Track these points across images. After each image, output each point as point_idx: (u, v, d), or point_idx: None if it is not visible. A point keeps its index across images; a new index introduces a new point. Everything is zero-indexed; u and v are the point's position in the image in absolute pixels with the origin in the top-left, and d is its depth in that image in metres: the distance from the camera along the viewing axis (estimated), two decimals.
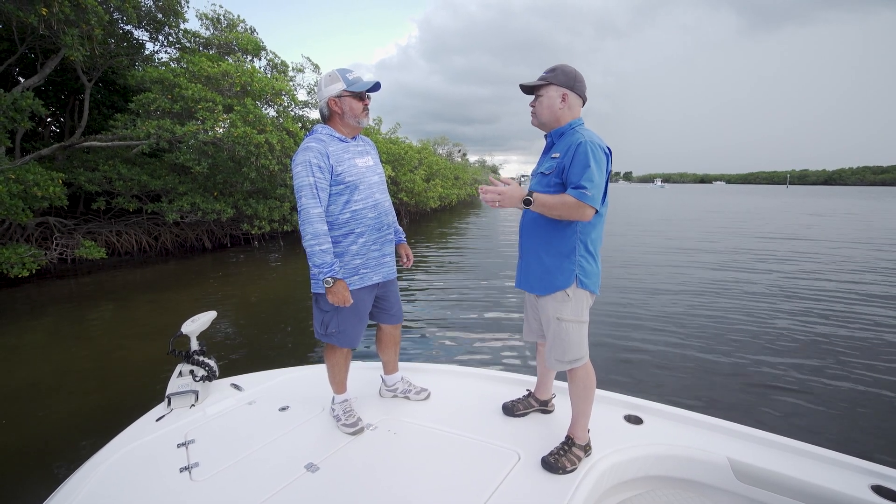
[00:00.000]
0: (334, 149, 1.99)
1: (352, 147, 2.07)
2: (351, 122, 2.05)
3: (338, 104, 2.01)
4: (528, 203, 1.69)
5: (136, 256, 11.48)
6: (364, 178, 2.05)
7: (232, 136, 9.79)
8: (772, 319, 5.84)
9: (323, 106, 2.05)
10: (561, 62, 1.87)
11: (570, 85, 1.80)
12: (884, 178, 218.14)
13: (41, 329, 6.16)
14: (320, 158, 1.92)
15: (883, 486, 1.61)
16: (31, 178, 7.93)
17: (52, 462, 3.08)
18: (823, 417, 3.54)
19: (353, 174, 2.01)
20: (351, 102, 2.00)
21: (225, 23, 14.27)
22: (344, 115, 2.03)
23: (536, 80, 1.85)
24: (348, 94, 1.99)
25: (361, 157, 2.09)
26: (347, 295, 1.93)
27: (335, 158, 1.97)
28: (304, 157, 1.91)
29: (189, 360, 2.44)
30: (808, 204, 37.72)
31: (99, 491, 1.71)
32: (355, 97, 2.01)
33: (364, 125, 2.09)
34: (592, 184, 1.65)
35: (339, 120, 2.05)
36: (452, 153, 51.49)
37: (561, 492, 1.64)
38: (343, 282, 1.94)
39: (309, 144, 1.94)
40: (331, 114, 2.05)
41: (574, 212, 1.67)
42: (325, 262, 1.89)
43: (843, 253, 11.31)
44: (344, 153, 2.02)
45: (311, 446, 1.97)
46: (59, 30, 8.38)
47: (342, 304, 1.94)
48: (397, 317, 2.34)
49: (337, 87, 1.99)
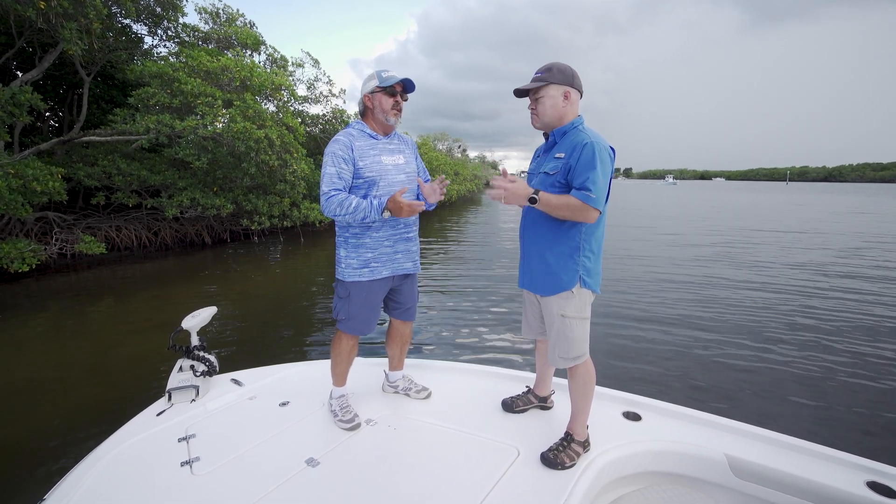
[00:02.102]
0: (361, 144, 2.06)
1: (381, 144, 2.12)
2: (380, 118, 2.11)
3: (370, 100, 2.10)
4: (533, 201, 1.70)
5: (136, 252, 11.47)
6: (386, 174, 2.09)
7: (231, 131, 9.76)
8: (771, 318, 5.86)
9: (360, 102, 2.16)
10: (553, 60, 1.84)
11: (569, 82, 1.79)
12: (883, 175, 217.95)
13: (41, 324, 6.16)
14: (345, 151, 2.01)
15: (878, 482, 1.62)
16: (31, 172, 7.91)
17: (52, 457, 3.10)
18: (820, 414, 3.55)
19: (373, 170, 2.05)
20: (381, 98, 2.08)
21: (224, 17, 14.20)
22: (374, 110, 2.11)
23: (533, 83, 1.82)
24: (380, 90, 2.07)
25: (391, 155, 2.14)
26: (404, 202, 1.96)
27: (359, 153, 2.04)
28: (331, 148, 2.02)
29: (189, 355, 2.45)
30: (827, 201, 36.95)
31: (99, 485, 1.72)
32: (386, 93, 2.07)
33: (392, 123, 2.12)
34: (597, 186, 1.66)
35: (371, 116, 2.14)
36: (452, 149, 51.33)
37: (560, 487, 1.65)
38: (394, 196, 1.97)
39: (338, 137, 2.04)
40: (364, 109, 2.15)
41: (578, 213, 1.69)
42: (365, 209, 1.95)
43: (851, 248, 11.33)
44: (370, 149, 2.08)
45: (311, 441, 1.98)
46: (58, 23, 8.33)
47: (410, 211, 1.98)
48: (409, 314, 2.36)
49: (371, 84, 2.09)
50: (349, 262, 2.11)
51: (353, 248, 2.10)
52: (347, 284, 2.12)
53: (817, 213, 23.55)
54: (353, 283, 2.11)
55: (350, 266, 2.10)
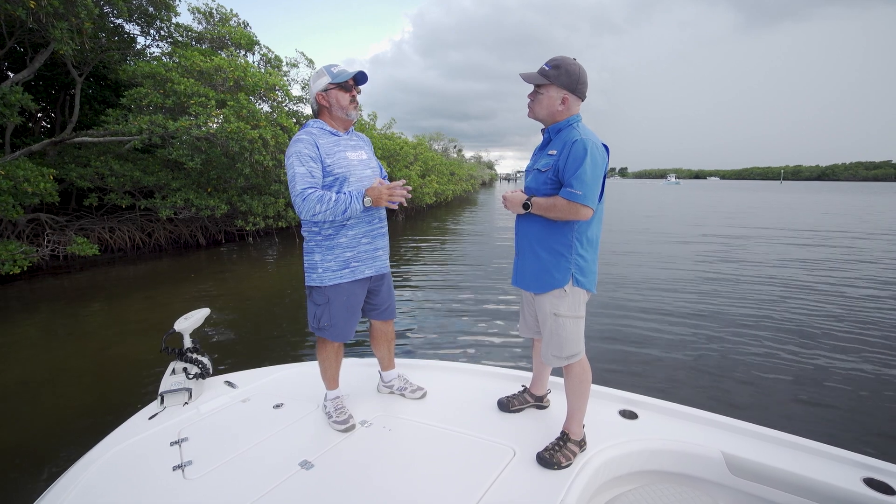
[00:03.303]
0: (324, 142, 2.01)
1: (343, 140, 2.08)
2: (339, 115, 2.07)
3: (325, 98, 2.05)
4: (526, 207, 1.81)
5: (130, 253, 11.38)
6: (354, 171, 2.06)
7: (225, 131, 9.69)
8: (767, 315, 5.88)
9: (313, 102, 2.10)
10: (564, 56, 1.81)
11: (571, 87, 1.78)
12: (876, 174, 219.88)
13: (33, 326, 6.10)
14: (311, 149, 1.94)
15: (874, 478, 1.62)
16: (22, 173, 7.82)
17: (43, 460, 3.06)
18: (817, 411, 3.57)
19: (342, 167, 2.01)
20: (337, 94, 2.03)
21: (217, 17, 14.10)
22: (332, 107, 2.06)
23: (538, 76, 1.81)
24: (333, 86, 2.02)
25: (354, 151, 2.10)
26: (383, 189, 1.96)
27: (325, 151, 1.99)
28: (294, 148, 1.94)
29: (182, 357, 2.43)
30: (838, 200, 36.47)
31: (91, 489, 1.69)
32: (341, 89, 2.03)
33: (353, 118, 2.10)
34: (584, 184, 1.66)
35: (329, 114, 2.08)
36: (448, 149, 51.33)
37: (556, 487, 1.64)
38: (372, 185, 1.99)
39: (300, 137, 1.97)
40: (320, 108, 2.09)
41: (568, 212, 1.70)
42: (346, 201, 1.92)
43: (857, 245, 11.40)
44: (334, 146, 2.03)
45: (305, 443, 1.96)
46: (49, 23, 8.24)
47: (391, 198, 1.98)
48: (389, 313, 2.34)
49: (323, 81, 2.03)
50: (327, 266, 2.04)
51: (328, 250, 2.04)
52: (326, 290, 2.05)
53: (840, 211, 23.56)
54: (332, 286, 2.05)
55: (329, 269, 2.04)
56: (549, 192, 1.78)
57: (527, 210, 1.82)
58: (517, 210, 1.86)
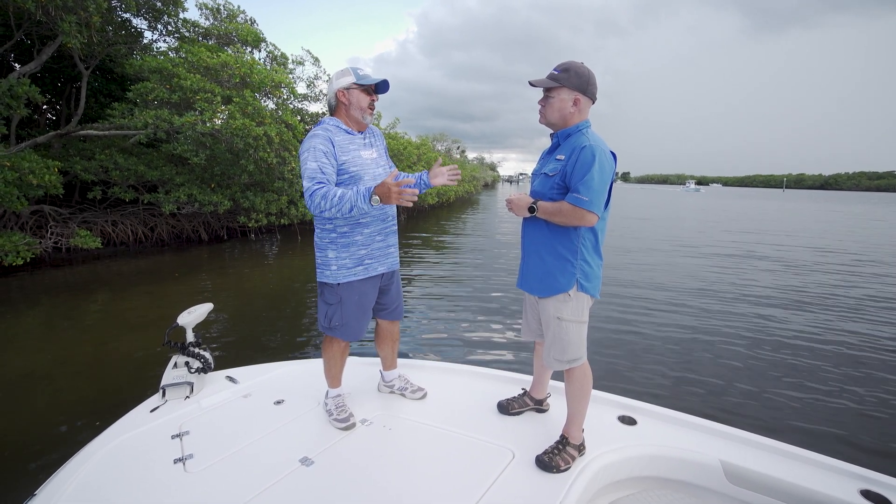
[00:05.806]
0: (340, 139, 2.01)
1: (357, 139, 2.09)
2: (356, 115, 2.08)
3: (346, 95, 2.05)
4: (532, 211, 1.81)
5: (132, 247, 11.40)
6: (368, 169, 2.07)
7: (230, 127, 9.73)
8: (767, 325, 5.88)
9: (331, 97, 2.09)
10: (572, 60, 1.82)
11: (582, 88, 1.78)
12: (879, 184, 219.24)
13: (35, 318, 6.12)
14: (326, 145, 1.95)
15: (872, 490, 1.63)
16: (27, 165, 7.86)
17: (44, 452, 3.07)
18: (815, 422, 3.56)
19: (356, 164, 2.03)
20: (358, 95, 2.05)
21: (225, 13, 14.15)
22: (350, 106, 2.06)
23: (548, 80, 1.81)
24: (357, 86, 2.04)
25: (367, 150, 2.12)
26: (393, 186, 1.79)
27: (340, 148, 1.99)
28: (309, 143, 1.95)
29: (184, 351, 2.44)
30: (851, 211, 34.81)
31: (91, 481, 1.70)
32: (363, 90, 2.05)
33: (367, 122, 2.11)
34: (591, 190, 1.66)
35: (346, 112, 2.08)
36: (451, 150, 51.38)
37: (554, 490, 1.64)
38: (385, 181, 1.82)
39: (315, 132, 1.98)
40: (338, 104, 2.09)
41: (573, 218, 1.71)
42: (351, 198, 1.81)
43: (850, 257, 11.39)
44: (349, 144, 2.04)
45: (305, 440, 1.97)
46: (57, 16, 8.29)
47: (399, 197, 1.79)
48: (397, 313, 2.35)
49: (347, 79, 2.04)
50: (342, 263, 2.04)
51: (343, 248, 2.04)
52: (338, 288, 2.06)
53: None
54: (345, 284, 2.06)
55: (344, 266, 2.04)
56: (555, 197, 1.79)
57: (532, 214, 1.82)
58: (522, 214, 1.86)
